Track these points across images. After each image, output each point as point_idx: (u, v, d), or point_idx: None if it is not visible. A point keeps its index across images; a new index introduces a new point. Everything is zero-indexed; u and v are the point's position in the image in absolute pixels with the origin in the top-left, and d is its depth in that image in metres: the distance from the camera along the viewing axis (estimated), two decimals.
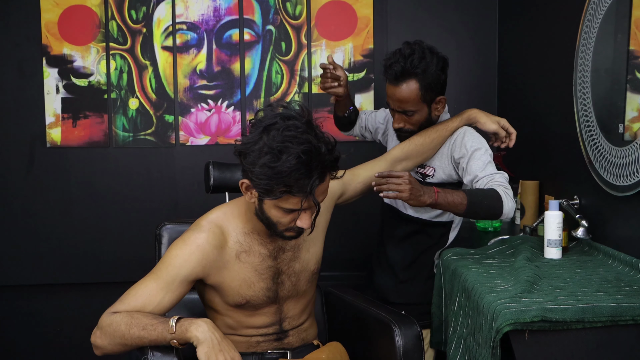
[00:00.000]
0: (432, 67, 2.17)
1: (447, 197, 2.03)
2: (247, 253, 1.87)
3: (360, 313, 2.16)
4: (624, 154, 1.97)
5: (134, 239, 3.14)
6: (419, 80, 2.16)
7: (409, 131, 2.25)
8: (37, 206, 3.13)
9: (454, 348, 2.01)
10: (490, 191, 2.07)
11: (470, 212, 2.07)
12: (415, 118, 2.22)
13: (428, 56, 2.17)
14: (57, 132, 3.11)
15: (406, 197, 1.99)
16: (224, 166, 2.30)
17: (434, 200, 2.01)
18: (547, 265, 2.00)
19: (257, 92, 3.18)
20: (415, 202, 2.01)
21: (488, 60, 3.24)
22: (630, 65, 1.95)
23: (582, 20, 2.25)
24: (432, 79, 2.18)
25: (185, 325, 1.67)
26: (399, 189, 1.98)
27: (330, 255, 2.23)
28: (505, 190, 2.08)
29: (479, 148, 2.19)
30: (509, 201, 2.07)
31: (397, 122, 2.24)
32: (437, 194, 2.02)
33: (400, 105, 2.20)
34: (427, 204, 2.02)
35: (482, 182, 2.14)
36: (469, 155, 2.19)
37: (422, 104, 2.20)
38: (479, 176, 2.15)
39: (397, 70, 2.16)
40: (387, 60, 2.21)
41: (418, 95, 2.18)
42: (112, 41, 3.11)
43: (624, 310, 1.58)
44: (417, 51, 2.16)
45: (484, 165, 2.16)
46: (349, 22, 3.17)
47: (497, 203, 2.05)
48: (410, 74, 2.16)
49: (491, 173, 2.14)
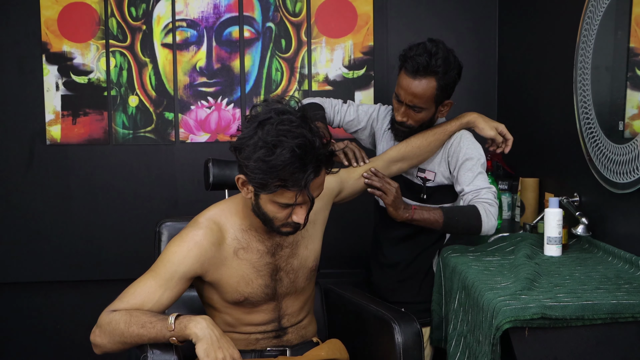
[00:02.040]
0: (453, 70, 2.17)
1: (424, 214, 2.14)
2: (245, 250, 1.87)
3: (359, 310, 2.15)
4: (624, 151, 1.96)
5: (133, 236, 3.14)
6: (438, 79, 2.15)
7: (410, 127, 2.23)
8: (37, 203, 3.12)
9: (454, 345, 2.01)
10: (471, 209, 2.15)
11: (446, 229, 2.19)
12: (421, 116, 2.21)
13: (451, 58, 2.17)
14: (57, 130, 3.11)
15: (389, 201, 2.10)
16: (223, 163, 2.30)
17: (410, 216, 2.13)
18: (547, 262, 2.00)
19: (257, 89, 3.18)
20: (394, 210, 2.11)
21: (488, 57, 3.23)
22: (631, 62, 1.94)
23: (582, 18, 2.25)
24: (450, 82, 2.17)
25: (184, 322, 1.67)
26: (386, 189, 2.09)
27: (329, 252, 2.23)
28: (487, 208, 2.15)
29: (471, 157, 2.22)
30: (490, 219, 2.15)
31: (402, 115, 2.22)
32: (414, 210, 2.13)
33: (412, 99, 2.17)
34: (403, 218, 2.13)
35: (467, 197, 2.21)
36: (460, 163, 2.23)
37: (433, 103, 2.19)
38: (465, 190, 2.21)
39: (421, 63, 2.12)
40: (409, 51, 2.17)
41: (433, 94, 2.16)
42: (111, 38, 3.10)
43: (624, 307, 1.58)
44: (441, 50, 2.15)
45: (473, 178, 2.21)
46: (349, 19, 3.17)
47: (475, 222, 2.14)
48: (432, 71, 2.14)
49: (477, 188, 2.19)
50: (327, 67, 3.18)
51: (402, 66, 2.19)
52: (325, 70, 3.18)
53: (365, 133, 2.48)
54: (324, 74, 3.18)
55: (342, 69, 3.18)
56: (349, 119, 2.46)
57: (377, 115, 2.45)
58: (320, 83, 3.16)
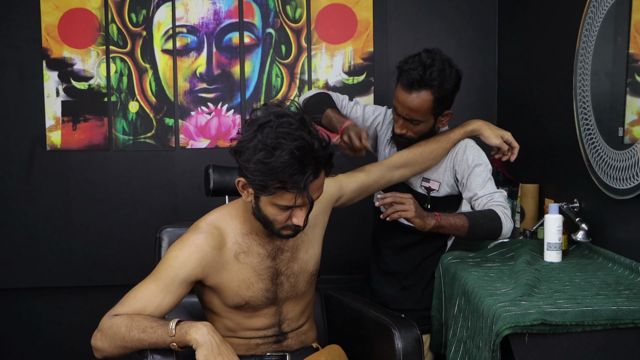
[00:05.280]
0: (450, 82, 2.13)
1: (450, 220, 2.07)
2: (246, 254, 1.87)
3: (359, 316, 2.15)
4: (624, 157, 1.96)
5: (134, 242, 3.14)
6: (434, 92, 2.11)
7: (409, 138, 2.22)
8: (37, 209, 3.13)
9: (454, 351, 2.01)
10: (490, 213, 2.11)
11: (471, 234, 2.10)
12: (420, 128, 2.20)
13: (447, 69, 2.12)
14: (57, 135, 3.11)
15: (412, 213, 2.01)
16: (223, 169, 2.30)
17: (437, 223, 2.04)
18: (547, 268, 2.00)
19: (257, 95, 3.18)
20: (420, 220, 2.03)
21: (488, 63, 3.24)
22: (630, 68, 1.95)
23: (581, 23, 2.25)
24: (447, 94, 2.14)
25: (184, 328, 1.67)
26: (403, 208, 2.00)
27: (329, 258, 2.23)
28: (504, 211, 2.13)
29: (480, 164, 2.21)
30: (508, 222, 2.12)
31: (400, 128, 2.21)
32: (440, 217, 2.05)
33: (409, 113, 2.15)
34: (431, 226, 2.04)
35: (481, 201, 2.17)
36: (469, 171, 2.21)
37: (431, 115, 2.17)
38: (478, 194, 2.18)
39: (415, 77, 2.09)
40: (404, 63, 2.14)
41: (429, 107, 2.14)
42: (112, 44, 3.11)
43: (624, 313, 1.58)
44: (437, 62, 2.10)
45: (484, 183, 2.19)
46: (348, 25, 3.18)
47: (497, 225, 2.10)
48: (427, 85, 2.10)
49: (490, 192, 2.17)
50: (327, 73, 3.18)
51: (398, 79, 2.16)
52: (325, 76, 3.18)
53: (369, 134, 2.45)
54: (324, 80, 3.18)
55: (342, 74, 3.18)
56: (355, 116, 2.41)
57: (383, 120, 2.42)
58: (320, 89, 3.17)
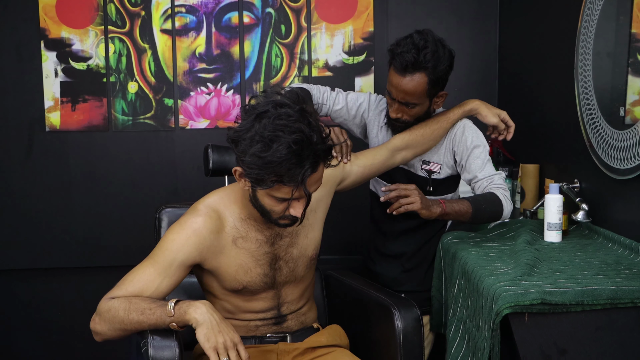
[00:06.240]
0: (444, 63, 2.11)
1: (454, 206, 2.09)
2: (244, 239, 1.86)
3: (360, 296, 2.16)
4: (625, 137, 1.96)
5: (133, 223, 3.14)
6: (428, 74, 2.09)
7: (405, 122, 2.21)
8: (37, 190, 3.12)
9: (454, 330, 2.02)
10: (491, 196, 2.13)
11: (474, 219, 2.13)
12: (415, 110, 2.18)
13: (440, 50, 2.10)
14: (56, 116, 3.10)
15: (419, 205, 2.02)
16: (223, 149, 2.29)
17: (442, 211, 2.07)
18: (547, 248, 2.00)
19: (257, 75, 3.17)
20: (427, 211, 2.04)
21: (489, 42, 3.22)
22: (632, 48, 1.94)
23: (583, 3, 2.23)
24: (441, 75, 2.12)
25: (183, 307, 1.67)
26: (409, 201, 2.02)
27: (328, 238, 2.22)
28: (504, 194, 2.15)
29: (478, 145, 2.22)
30: (508, 204, 2.14)
31: (396, 112, 2.19)
32: (444, 204, 2.07)
33: (404, 97, 2.13)
34: (437, 214, 2.06)
35: (481, 184, 2.19)
36: (468, 152, 2.21)
37: (426, 97, 2.16)
38: (478, 177, 2.19)
39: (408, 60, 2.07)
40: (396, 47, 2.11)
41: (425, 89, 2.12)
42: (110, 24, 3.09)
43: (623, 293, 1.58)
44: (430, 43, 2.08)
45: (483, 165, 2.20)
46: (349, 5, 3.15)
47: (498, 208, 2.13)
48: (421, 67, 2.08)
49: (490, 174, 2.19)
50: (327, 53, 3.16)
51: (391, 63, 2.13)
52: (325, 56, 3.16)
53: (355, 122, 2.41)
54: (324, 60, 3.16)
55: (342, 54, 3.17)
56: (337, 107, 2.37)
57: (368, 106, 2.38)
58: (320, 69, 3.15)
